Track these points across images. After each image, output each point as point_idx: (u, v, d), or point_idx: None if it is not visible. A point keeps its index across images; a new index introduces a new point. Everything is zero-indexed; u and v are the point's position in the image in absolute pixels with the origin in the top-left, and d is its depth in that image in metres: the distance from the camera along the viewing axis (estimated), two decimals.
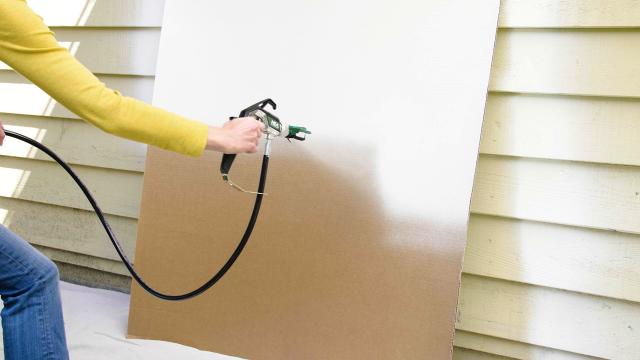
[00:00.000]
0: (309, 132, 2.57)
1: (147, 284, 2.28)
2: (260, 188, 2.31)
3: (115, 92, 1.88)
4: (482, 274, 2.92)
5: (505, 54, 2.77)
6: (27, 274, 2.03)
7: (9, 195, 4.13)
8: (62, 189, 3.93)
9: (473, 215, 2.87)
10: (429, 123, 2.76)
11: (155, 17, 3.46)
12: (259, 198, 2.31)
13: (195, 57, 3.18)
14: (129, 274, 3.79)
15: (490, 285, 2.92)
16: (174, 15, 3.23)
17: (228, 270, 3.04)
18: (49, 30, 1.79)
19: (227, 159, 2.19)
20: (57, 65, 1.79)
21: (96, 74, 3.61)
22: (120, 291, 3.90)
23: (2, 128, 2.39)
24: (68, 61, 1.82)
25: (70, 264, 4.06)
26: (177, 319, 3.18)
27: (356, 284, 2.86)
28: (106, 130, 1.87)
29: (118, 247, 2.35)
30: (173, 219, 3.17)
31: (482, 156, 2.83)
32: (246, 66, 3.08)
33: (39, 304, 2.05)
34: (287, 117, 2.63)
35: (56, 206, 4.00)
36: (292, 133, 2.49)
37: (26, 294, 2.03)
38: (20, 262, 2.02)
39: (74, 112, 1.85)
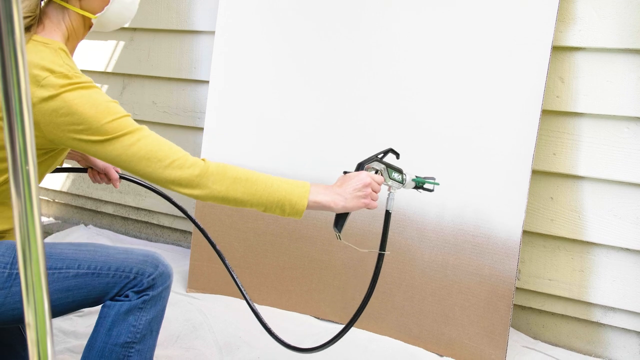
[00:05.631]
0: (438, 184, 2.12)
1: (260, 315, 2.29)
2: (382, 246, 2.05)
3: (203, 160, 1.85)
4: (543, 232, 2.89)
5: (570, 7, 2.70)
6: (134, 278, 1.96)
7: None
8: None
9: (535, 172, 2.83)
10: (491, 78, 2.71)
11: None
12: (380, 257, 2.06)
13: (256, 11, 3.16)
14: (189, 228, 3.84)
15: (552, 244, 2.89)
16: None
17: (287, 227, 3.08)
18: (123, 112, 1.79)
19: (341, 217, 1.98)
20: (136, 146, 1.78)
21: (157, 30, 3.70)
22: (180, 246, 3.96)
23: (116, 171, 2.46)
24: (146, 140, 1.80)
25: (132, 219, 4.14)
26: (236, 274, 3.22)
27: (415, 241, 2.85)
28: (200, 199, 1.86)
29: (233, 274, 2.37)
30: None
31: (545, 112, 2.78)
32: (307, 19, 3.07)
33: (147, 295, 2.00)
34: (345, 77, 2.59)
35: None
36: (419, 185, 2.13)
37: (135, 289, 1.99)
38: (122, 271, 1.97)
39: (162, 188, 1.87)
